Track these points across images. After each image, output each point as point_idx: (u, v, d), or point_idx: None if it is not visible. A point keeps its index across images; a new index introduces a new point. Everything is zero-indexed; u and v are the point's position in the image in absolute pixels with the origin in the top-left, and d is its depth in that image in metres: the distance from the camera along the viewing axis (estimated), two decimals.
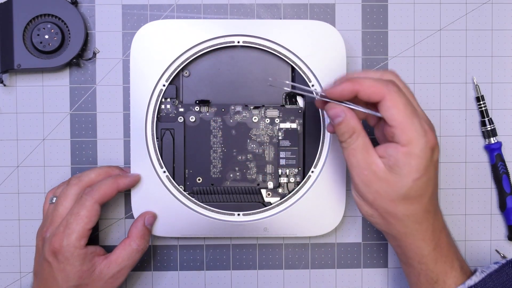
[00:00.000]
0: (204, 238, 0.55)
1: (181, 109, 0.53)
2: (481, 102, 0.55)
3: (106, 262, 0.48)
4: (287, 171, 0.54)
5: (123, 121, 0.55)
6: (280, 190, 0.54)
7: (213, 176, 0.54)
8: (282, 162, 0.54)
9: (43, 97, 0.55)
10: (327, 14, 0.56)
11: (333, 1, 0.56)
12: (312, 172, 0.52)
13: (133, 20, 0.55)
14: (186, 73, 0.53)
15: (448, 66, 0.56)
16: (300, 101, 0.54)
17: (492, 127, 0.55)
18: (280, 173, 0.54)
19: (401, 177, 0.43)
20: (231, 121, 0.54)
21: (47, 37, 0.53)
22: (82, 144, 0.55)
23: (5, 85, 0.55)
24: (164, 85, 0.52)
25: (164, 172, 0.52)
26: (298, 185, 0.53)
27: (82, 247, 0.47)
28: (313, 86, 0.52)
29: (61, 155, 0.55)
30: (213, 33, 0.52)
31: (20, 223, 0.55)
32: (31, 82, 0.55)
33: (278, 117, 0.54)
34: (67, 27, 0.53)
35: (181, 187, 0.53)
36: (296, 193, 0.53)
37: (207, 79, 0.54)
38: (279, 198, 0.54)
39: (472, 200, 0.56)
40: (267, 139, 0.54)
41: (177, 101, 0.53)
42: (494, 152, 0.55)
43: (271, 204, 0.53)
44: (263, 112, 0.54)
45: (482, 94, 0.56)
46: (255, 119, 0.54)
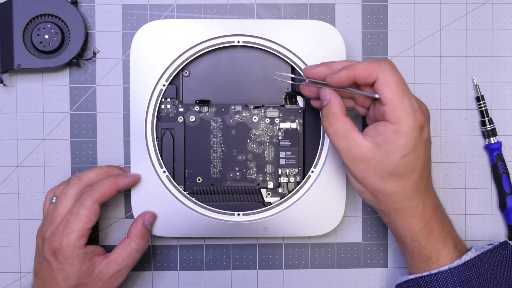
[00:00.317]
0: (204, 238, 0.55)
1: (181, 109, 0.53)
2: (481, 102, 0.55)
3: (106, 261, 0.48)
4: (287, 171, 0.54)
5: (123, 121, 0.55)
6: (280, 190, 0.54)
7: (213, 176, 0.54)
8: (282, 162, 0.54)
9: (43, 97, 0.55)
10: (327, 14, 0.56)
11: (333, 1, 0.56)
12: (312, 172, 0.52)
13: (133, 20, 0.55)
14: (186, 73, 0.53)
15: (448, 66, 0.56)
16: (300, 101, 0.54)
17: (492, 127, 0.55)
18: (280, 173, 0.54)
19: (389, 154, 0.44)
20: (231, 121, 0.54)
21: (47, 37, 0.53)
22: (82, 144, 0.55)
23: (5, 85, 0.55)
24: (164, 85, 0.52)
25: (164, 172, 0.52)
26: (298, 185, 0.53)
27: (82, 247, 0.47)
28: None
29: (61, 155, 0.55)
30: (213, 33, 0.52)
31: (20, 223, 0.55)
32: (31, 82, 0.55)
33: (278, 117, 0.54)
34: (67, 27, 0.53)
35: (181, 187, 0.53)
36: (296, 193, 0.53)
37: (207, 79, 0.54)
38: (279, 198, 0.54)
39: (472, 200, 0.56)
40: (267, 139, 0.54)
41: (177, 101, 0.53)
42: (494, 152, 0.55)
43: (271, 204, 0.53)
44: (263, 112, 0.54)
45: (482, 94, 0.56)
46: (255, 119, 0.54)
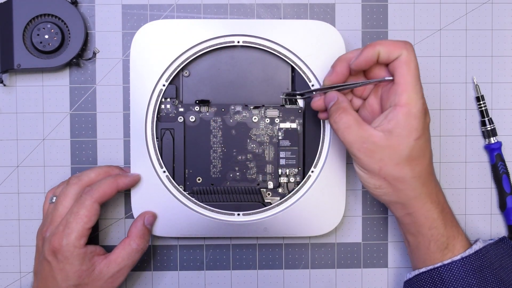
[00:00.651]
0: (204, 238, 0.55)
1: (181, 109, 0.53)
2: (481, 102, 0.55)
3: (106, 261, 0.48)
4: (287, 171, 0.54)
5: (123, 121, 0.55)
6: (280, 190, 0.54)
7: (213, 176, 0.54)
8: (282, 162, 0.54)
9: (43, 97, 0.55)
10: (327, 14, 0.56)
11: (333, 1, 0.56)
12: (312, 172, 0.52)
13: (133, 20, 0.55)
14: (186, 73, 0.53)
15: (448, 66, 0.56)
16: (300, 101, 0.54)
17: (492, 127, 0.55)
18: (280, 173, 0.54)
19: (403, 138, 0.44)
20: (231, 121, 0.54)
21: (47, 37, 0.53)
22: (82, 144, 0.55)
23: (5, 85, 0.55)
24: (164, 85, 0.52)
25: (164, 172, 0.52)
26: (298, 185, 0.53)
27: (82, 247, 0.47)
28: (313, 86, 0.52)
29: (61, 155, 0.55)
30: (213, 33, 0.52)
31: (20, 223, 0.55)
32: (31, 82, 0.55)
33: (278, 117, 0.54)
34: (67, 27, 0.53)
35: (181, 187, 0.53)
36: (296, 193, 0.53)
37: (207, 79, 0.54)
38: (279, 198, 0.54)
39: (472, 200, 0.56)
40: (267, 139, 0.54)
41: (177, 101, 0.53)
42: (494, 152, 0.55)
43: (271, 204, 0.53)
44: (263, 112, 0.54)
45: (482, 94, 0.56)
46: (255, 119, 0.54)
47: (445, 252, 0.47)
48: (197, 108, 0.54)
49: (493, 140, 0.55)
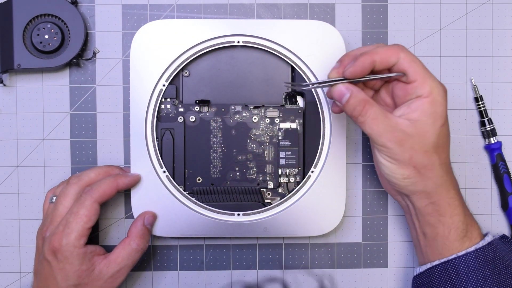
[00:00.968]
0: (204, 238, 0.55)
1: (181, 109, 0.53)
2: (480, 103, 0.55)
3: (106, 261, 0.48)
4: (287, 171, 0.54)
5: (123, 121, 0.55)
6: (280, 190, 0.54)
7: (213, 176, 0.54)
8: (282, 162, 0.54)
9: (43, 97, 0.55)
10: (327, 14, 0.56)
11: (333, 1, 0.56)
12: (312, 172, 0.52)
13: (133, 20, 0.55)
14: (186, 73, 0.53)
15: (448, 66, 0.56)
16: (300, 101, 0.54)
17: (492, 127, 0.55)
18: (280, 173, 0.54)
19: (429, 126, 0.45)
20: (231, 121, 0.54)
21: (47, 37, 0.53)
22: (82, 144, 0.55)
23: (5, 85, 0.55)
24: (164, 85, 0.52)
25: (164, 172, 0.52)
26: (298, 185, 0.53)
27: (82, 247, 0.47)
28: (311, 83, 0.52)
29: (61, 155, 0.55)
30: (213, 33, 0.52)
31: (20, 223, 0.55)
32: (31, 82, 0.55)
33: (278, 117, 0.54)
34: (67, 27, 0.53)
35: (181, 187, 0.53)
36: (296, 193, 0.53)
37: (207, 79, 0.54)
38: (279, 198, 0.54)
39: (472, 200, 0.56)
40: (267, 139, 0.54)
41: (177, 101, 0.53)
42: (495, 152, 0.55)
43: (271, 204, 0.53)
44: (263, 112, 0.54)
45: (481, 94, 0.56)
46: (255, 119, 0.54)
47: (464, 240, 0.47)
48: (197, 108, 0.54)
49: (493, 140, 0.55)
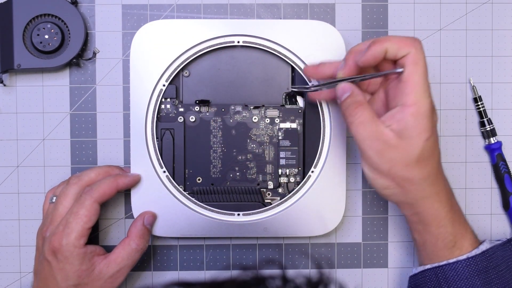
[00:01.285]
0: (204, 238, 0.55)
1: (181, 109, 0.53)
2: (479, 103, 0.55)
3: (106, 261, 0.48)
4: (287, 171, 0.54)
5: (123, 121, 0.55)
6: (280, 190, 0.54)
7: (213, 176, 0.54)
8: (282, 162, 0.54)
9: (43, 97, 0.55)
10: (327, 14, 0.56)
11: (333, 1, 0.56)
12: (312, 172, 0.52)
13: (133, 20, 0.55)
14: (186, 73, 0.53)
15: (448, 66, 0.56)
16: (300, 101, 0.54)
17: (491, 127, 0.55)
18: (280, 173, 0.54)
19: (412, 139, 0.44)
20: (231, 121, 0.54)
21: (47, 37, 0.53)
22: (82, 144, 0.55)
23: (5, 85, 0.55)
24: (164, 85, 0.52)
25: (164, 172, 0.52)
26: (298, 185, 0.53)
27: (82, 247, 0.47)
28: (313, 85, 0.52)
29: (61, 155, 0.55)
30: (213, 33, 0.52)
31: (20, 223, 0.55)
32: (31, 82, 0.55)
33: (278, 117, 0.54)
34: (67, 27, 0.53)
35: (181, 187, 0.53)
36: (296, 193, 0.53)
37: (207, 79, 0.54)
38: (279, 198, 0.54)
39: (473, 200, 0.56)
40: (267, 139, 0.54)
41: (177, 101, 0.53)
42: (495, 152, 0.55)
43: (271, 204, 0.53)
44: (263, 112, 0.54)
45: (480, 95, 0.56)
46: (255, 119, 0.54)
47: (453, 250, 0.47)
48: (197, 108, 0.54)
49: (493, 140, 0.55)
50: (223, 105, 0.54)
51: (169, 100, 0.53)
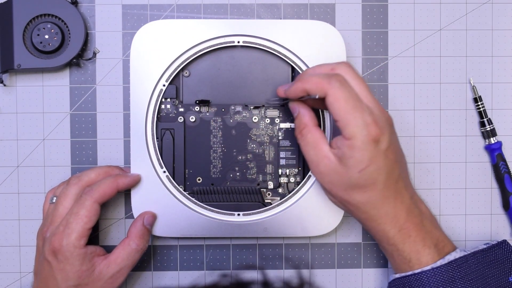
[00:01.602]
0: (204, 238, 0.55)
1: (181, 109, 0.53)
2: (479, 103, 0.55)
3: (106, 262, 0.48)
4: (287, 171, 0.54)
5: (123, 121, 0.55)
6: (280, 190, 0.54)
7: (213, 176, 0.54)
8: (282, 162, 0.54)
9: (43, 97, 0.55)
10: (327, 14, 0.56)
11: (333, 1, 0.56)
12: None
13: (133, 20, 0.55)
14: (186, 73, 0.53)
15: (448, 66, 0.56)
16: None
17: (491, 127, 0.55)
18: (280, 173, 0.54)
19: (348, 168, 0.45)
20: (231, 121, 0.54)
21: (47, 37, 0.53)
22: (82, 144, 0.55)
23: (5, 85, 0.55)
24: (164, 85, 0.52)
25: (164, 172, 0.52)
26: (298, 185, 0.53)
27: (82, 247, 0.47)
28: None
29: (61, 155, 0.55)
30: (213, 33, 0.52)
31: (20, 223, 0.55)
32: (31, 82, 0.55)
33: (278, 117, 0.54)
34: (67, 27, 0.53)
35: (181, 187, 0.53)
36: (296, 193, 0.53)
37: (207, 79, 0.54)
38: (279, 198, 0.54)
39: (472, 200, 0.56)
40: (267, 139, 0.54)
41: (177, 101, 0.53)
42: (495, 152, 0.55)
43: (271, 204, 0.53)
44: (263, 112, 0.54)
45: (480, 95, 0.56)
46: (255, 119, 0.54)
47: (410, 265, 0.47)
48: (197, 108, 0.54)
49: (493, 140, 0.55)
50: (223, 105, 0.54)
51: (169, 100, 0.53)
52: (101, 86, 0.55)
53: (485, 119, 0.55)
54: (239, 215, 0.52)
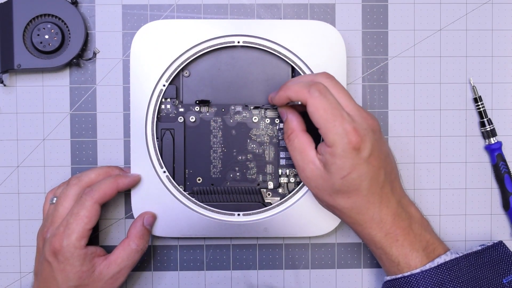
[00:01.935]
0: (204, 238, 0.55)
1: (181, 109, 0.53)
2: (479, 103, 0.55)
3: (106, 262, 0.48)
4: (287, 171, 0.54)
5: (123, 121, 0.55)
6: (280, 190, 0.54)
7: (213, 176, 0.54)
8: (282, 162, 0.54)
9: (43, 97, 0.55)
10: (327, 14, 0.56)
11: (333, 1, 0.56)
12: None
13: (133, 20, 0.55)
14: (186, 73, 0.53)
15: (448, 66, 0.56)
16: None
17: (492, 127, 0.55)
18: (280, 173, 0.54)
19: (331, 174, 0.45)
20: (231, 121, 0.54)
21: (47, 37, 0.53)
22: (82, 144, 0.55)
23: (5, 85, 0.55)
24: (164, 85, 0.52)
25: (164, 172, 0.52)
26: (298, 185, 0.53)
27: (82, 247, 0.47)
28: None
29: (61, 155, 0.55)
30: (213, 33, 0.52)
31: (20, 223, 0.55)
32: (31, 82, 0.55)
33: (278, 117, 0.54)
34: (67, 27, 0.53)
35: (181, 187, 0.53)
36: (296, 193, 0.53)
37: (207, 79, 0.54)
38: (279, 198, 0.54)
39: (472, 200, 0.56)
40: (267, 139, 0.54)
41: (177, 101, 0.53)
42: (495, 152, 0.55)
43: (271, 204, 0.53)
44: (263, 112, 0.54)
45: (480, 95, 0.56)
46: (255, 119, 0.54)
47: (399, 268, 0.46)
48: (197, 108, 0.54)
49: (493, 140, 0.55)
50: (223, 105, 0.54)
51: (169, 100, 0.53)
52: (101, 86, 0.55)
53: (485, 119, 0.55)
54: (239, 215, 0.52)
